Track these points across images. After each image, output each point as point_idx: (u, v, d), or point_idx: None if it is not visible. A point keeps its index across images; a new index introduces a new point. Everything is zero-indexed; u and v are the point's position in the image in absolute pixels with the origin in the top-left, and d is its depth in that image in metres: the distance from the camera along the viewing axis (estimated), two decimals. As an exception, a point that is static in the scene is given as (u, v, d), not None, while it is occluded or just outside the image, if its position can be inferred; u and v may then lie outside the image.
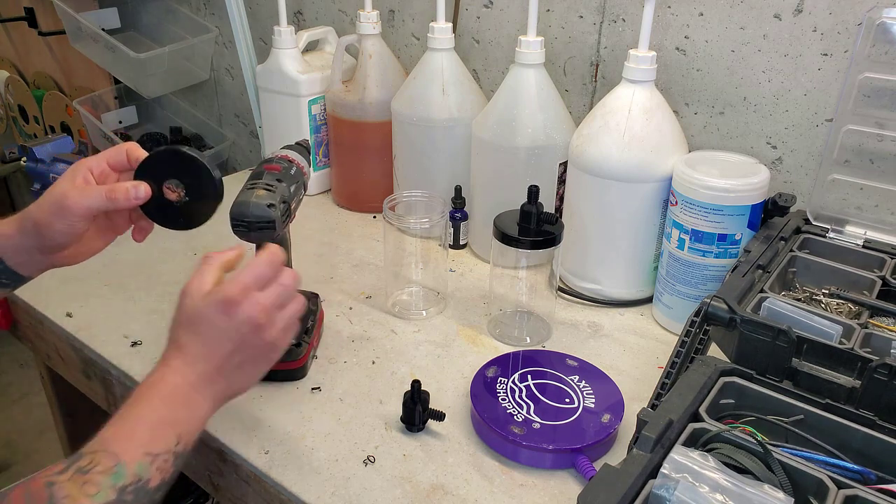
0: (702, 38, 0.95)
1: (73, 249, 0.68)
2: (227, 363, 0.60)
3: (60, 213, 0.64)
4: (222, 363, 0.60)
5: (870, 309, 0.70)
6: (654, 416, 0.55)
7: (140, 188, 0.66)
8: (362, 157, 1.20)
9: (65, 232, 0.64)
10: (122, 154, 0.68)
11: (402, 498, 0.65)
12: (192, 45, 1.56)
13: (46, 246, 0.66)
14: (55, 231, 0.64)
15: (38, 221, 0.64)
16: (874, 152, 0.86)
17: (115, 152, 0.68)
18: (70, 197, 0.64)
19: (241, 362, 0.61)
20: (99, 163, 0.68)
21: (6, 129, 2.27)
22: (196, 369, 0.59)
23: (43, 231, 0.64)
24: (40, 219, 0.64)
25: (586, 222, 0.93)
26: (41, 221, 0.64)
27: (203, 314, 0.60)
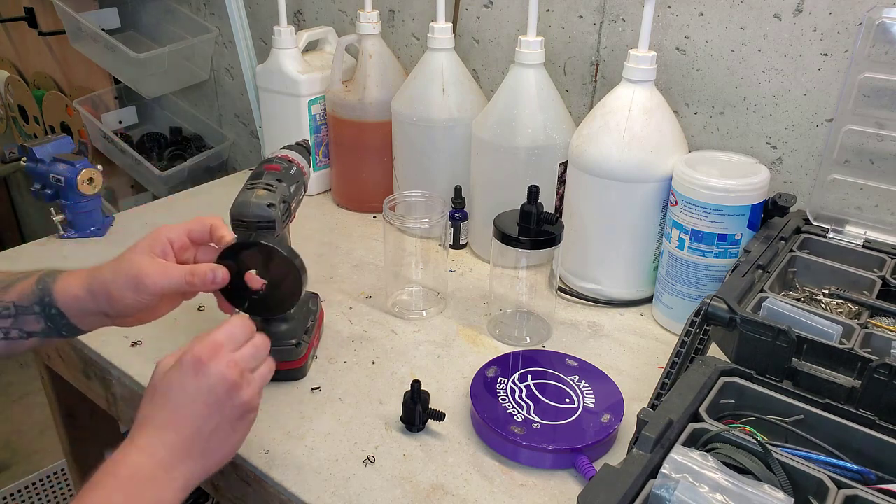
0: (702, 38, 0.95)
1: (139, 317, 0.67)
2: (201, 430, 0.55)
3: (136, 288, 0.62)
4: (195, 431, 0.55)
5: (870, 309, 0.70)
6: (654, 416, 0.55)
7: (219, 273, 0.63)
8: (362, 157, 1.20)
9: (136, 306, 0.63)
10: (205, 229, 0.67)
11: (402, 498, 0.65)
12: (192, 45, 1.57)
13: (112, 312, 0.64)
14: (127, 304, 0.63)
15: (111, 292, 0.62)
16: (874, 152, 0.86)
17: (199, 226, 0.67)
18: (149, 275, 0.62)
19: (216, 428, 0.56)
20: (180, 235, 0.66)
21: (6, 129, 2.27)
22: (165, 441, 0.54)
23: (115, 302, 0.63)
24: (114, 291, 0.62)
25: (586, 222, 0.93)
26: (114, 294, 0.62)
27: (170, 378, 0.56)
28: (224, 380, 0.56)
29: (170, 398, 0.55)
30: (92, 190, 1.09)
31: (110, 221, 1.17)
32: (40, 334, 0.64)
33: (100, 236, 1.13)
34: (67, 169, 1.07)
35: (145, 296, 0.62)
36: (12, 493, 1.67)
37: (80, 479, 1.30)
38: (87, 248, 1.10)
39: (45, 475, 1.71)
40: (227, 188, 1.30)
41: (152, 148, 1.73)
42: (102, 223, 1.14)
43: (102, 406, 0.95)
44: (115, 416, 0.93)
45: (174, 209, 1.25)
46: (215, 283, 0.63)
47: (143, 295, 0.62)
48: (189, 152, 1.70)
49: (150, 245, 0.64)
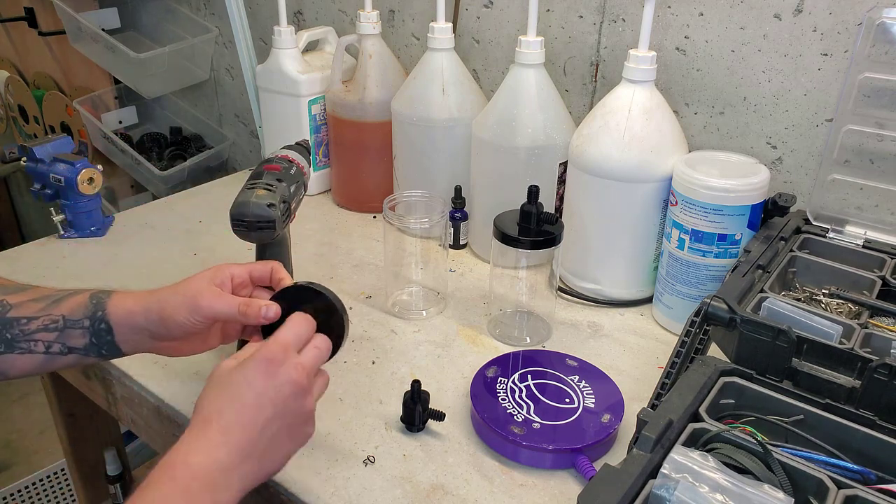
0: (702, 38, 0.95)
1: (179, 343, 0.66)
2: (263, 433, 0.54)
3: (190, 308, 0.62)
4: (258, 432, 0.54)
5: (870, 309, 0.70)
6: (654, 416, 0.55)
7: (271, 309, 0.63)
8: (362, 157, 1.20)
9: (184, 326, 0.63)
10: (266, 270, 0.67)
11: (402, 498, 0.65)
12: (192, 45, 1.57)
13: (160, 333, 0.64)
14: (178, 322, 0.62)
15: (165, 309, 0.63)
16: (874, 152, 0.86)
17: (261, 267, 0.67)
18: (205, 297, 0.62)
19: (278, 432, 0.56)
20: (241, 272, 0.66)
21: (6, 129, 2.27)
22: (229, 441, 0.53)
23: (167, 320, 0.63)
24: (169, 308, 0.62)
25: (586, 222, 0.93)
26: (168, 310, 0.62)
27: (238, 376, 0.55)
28: (292, 382, 0.56)
29: (237, 396, 0.54)
30: (92, 190, 1.09)
31: (110, 221, 1.17)
32: (81, 351, 0.64)
33: (100, 236, 1.13)
34: (67, 169, 1.07)
35: (198, 317, 0.62)
36: (12, 493, 1.67)
37: (80, 479, 1.30)
38: (87, 248, 1.10)
39: (45, 475, 1.71)
40: (227, 188, 1.30)
41: (152, 148, 1.73)
42: (102, 223, 1.14)
43: (102, 406, 0.95)
44: (115, 416, 0.93)
45: (174, 209, 1.25)
46: (266, 318, 0.63)
47: (196, 316, 0.62)
48: (189, 152, 1.70)
49: (211, 275, 0.65)
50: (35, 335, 0.63)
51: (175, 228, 1.17)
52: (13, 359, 0.63)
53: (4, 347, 0.62)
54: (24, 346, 0.63)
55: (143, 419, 0.85)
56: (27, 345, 0.63)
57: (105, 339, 0.64)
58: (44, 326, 0.63)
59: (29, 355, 0.63)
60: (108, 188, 1.85)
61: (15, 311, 0.63)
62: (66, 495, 1.73)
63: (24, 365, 0.63)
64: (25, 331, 0.63)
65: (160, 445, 0.86)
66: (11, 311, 0.63)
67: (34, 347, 0.63)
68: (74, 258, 1.07)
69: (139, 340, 0.65)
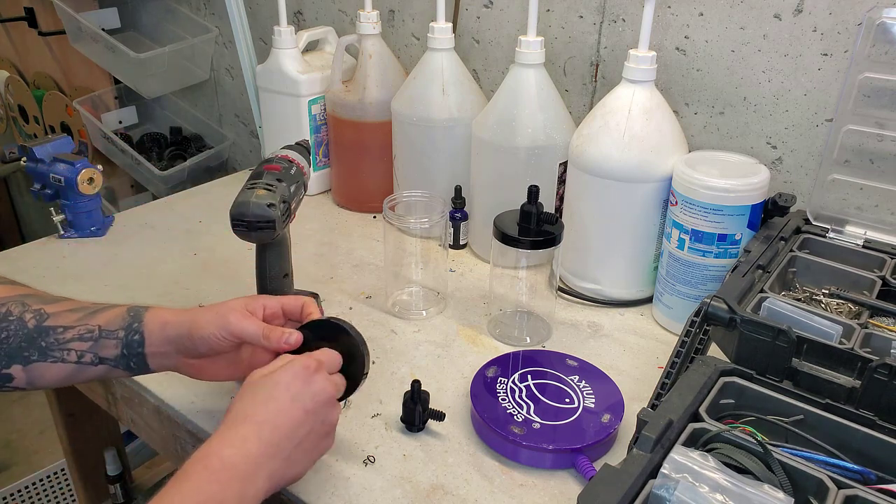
0: (702, 38, 0.95)
1: (203, 363, 0.67)
2: (294, 433, 0.57)
3: (218, 324, 0.64)
4: (289, 432, 0.57)
5: (870, 309, 0.70)
6: (654, 416, 0.55)
7: (293, 336, 0.65)
8: (362, 157, 1.20)
9: (210, 341, 0.64)
10: (298, 305, 0.69)
11: (402, 498, 0.65)
12: (192, 45, 1.57)
13: (187, 347, 0.65)
14: (202, 336, 0.64)
15: (195, 322, 0.64)
16: (874, 152, 0.86)
17: (293, 301, 0.69)
18: (234, 316, 0.65)
19: (306, 436, 0.58)
20: (274, 305, 0.68)
21: (6, 129, 2.27)
22: (261, 437, 0.55)
23: (194, 334, 0.64)
24: (198, 321, 0.64)
25: (586, 222, 0.93)
26: (198, 324, 0.64)
27: (276, 378, 0.58)
28: (325, 391, 0.60)
29: (274, 396, 0.57)
30: (92, 190, 1.09)
31: (110, 221, 1.17)
32: (111, 362, 0.65)
33: (100, 236, 1.13)
34: (67, 169, 1.07)
35: (224, 333, 0.64)
36: (12, 493, 1.67)
37: (80, 479, 1.30)
38: (87, 248, 1.10)
39: (45, 475, 1.71)
40: (227, 188, 1.30)
41: (152, 148, 1.73)
42: (102, 223, 1.14)
43: (102, 406, 0.95)
44: (115, 416, 0.93)
45: (174, 209, 1.25)
46: (287, 344, 0.65)
47: (223, 332, 0.64)
48: (189, 152, 1.70)
49: (245, 301, 0.67)
50: (69, 344, 0.63)
51: (175, 228, 1.17)
52: (44, 368, 0.63)
53: (38, 356, 0.63)
54: (57, 355, 0.63)
55: (143, 419, 0.85)
56: (60, 353, 0.63)
57: (136, 350, 0.65)
58: (79, 336, 0.64)
59: (61, 364, 0.63)
60: (108, 188, 1.85)
61: (52, 321, 0.64)
62: (66, 495, 1.73)
63: (55, 374, 0.64)
64: (60, 339, 0.63)
65: (160, 445, 0.86)
66: (48, 321, 0.63)
67: (66, 357, 0.63)
68: (74, 258, 1.07)
69: (167, 354, 0.66)
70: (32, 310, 0.64)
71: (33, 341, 0.62)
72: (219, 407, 0.76)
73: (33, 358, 0.62)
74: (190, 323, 0.65)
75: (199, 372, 0.68)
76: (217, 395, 0.78)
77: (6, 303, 0.63)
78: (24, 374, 0.63)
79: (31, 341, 0.62)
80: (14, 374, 0.62)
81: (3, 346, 0.62)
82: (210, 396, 0.78)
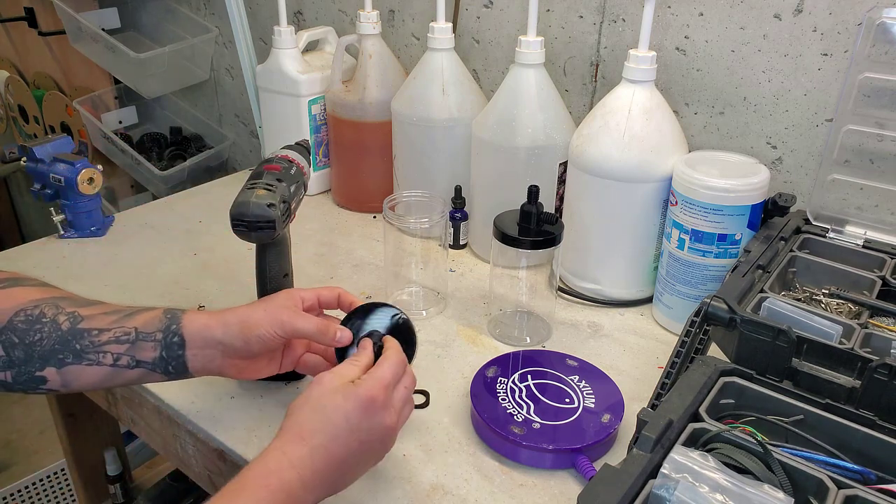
0: (702, 38, 0.95)
1: (247, 363, 0.67)
2: (345, 463, 0.57)
3: (272, 321, 0.65)
4: (342, 462, 0.56)
5: (870, 309, 0.70)
6: (654, 416, 0.55)
7: (345, 335, 0.66)
8: (362, 157, 1.20)
9: (264, 339, 0.64)
10: (334, 296, 0.70)
11: (402, 498, 0.65)
12: (192, 45, 1.56)
13: (236, 347, 0.65)
14: (257, 335, 0.64)
15: (247, 321, 0.65)
16: (874, 152, 0.86)
17: (328, 292, 0.70)
18: (287, 312, 0.65)
19: (356, 464, 0.58)
20: (310, 296, 0.69)
21: (6, 129, 2.27)
22: (315, 463, 0.55)
23: (247, 333, 0.64)
24: (250, 320, 0.65)
25: (586, 222, 0.93)
26: (250, 322, 0.64)
27: (337, 404, 0.57)
28: (383, 427, 0.58)
29: (333, 423, 0.56)
30: (92, 190, 1.09)
31: (110, 221, 1.17)
32: (148, 365, 0.64)
33: (100, 236, 1.13)
34: (67, 169, 1.07)
35: (280, 331, 0.65)
36: (12, 493, 1.67)
37: (80, 479, 1.30)
38: (87, 248, 1.10)
39: (45, 475, 1.71)
40: (227, 188, 1.30)
41: (152, 148, 1.73)
42: (102, 223, 1.14)
43: (102, 406, 0.95)
44: (115, 416, 0.93)
45: (174, 209, 1.25)
46: (339, 342, 0.66)
47: (278, 330, 0.65)
48: (189, 152, 1.70)
49: (286, 296, 0.68)
50: (105, 346, 0.62)
51: (175, 228, 1.17)
52: (79, 370, 0.62)
53: (73, 358, 0.62)
54: (93, 358, 0.62)
55: (143, 419, 0.85)
56: (95, 356, 0.62)
57: (176, 353, 0.64)
58: (115, 338, 0.63)
59: (96, 367, 0.62)
60: (108, 188, 1.85)
61: (86, 323, 0.63)
62: (66, 495, 1.73)
63: (90, 377, 0.63)
64: (96, 342, 0.62)
65: (160, 445, 0.86)
66: (83, 323, 0.62)
67: (102, 359, 0.62)
68: (74, 258, 1.07)
69: (209, 356, 0.65)
70: (66, 312, 0.62)
71: (67, 343, 0.61)
72: (219, 407, 0.76)
73: (68, 360, 0.61)
74: (239, 323, 0.65)
75: (240, 372, 0.68)
76: (217, 395, 0.78)
77: (39, 305, 0.62)
78: (58, 376, 0.61)
79: (65, 343, 0.61)
80: (48, 377, 0.61)
81: (37, 347, 0.61)
82: (210, 397, 0.78)
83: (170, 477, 1.39)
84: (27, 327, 0.61)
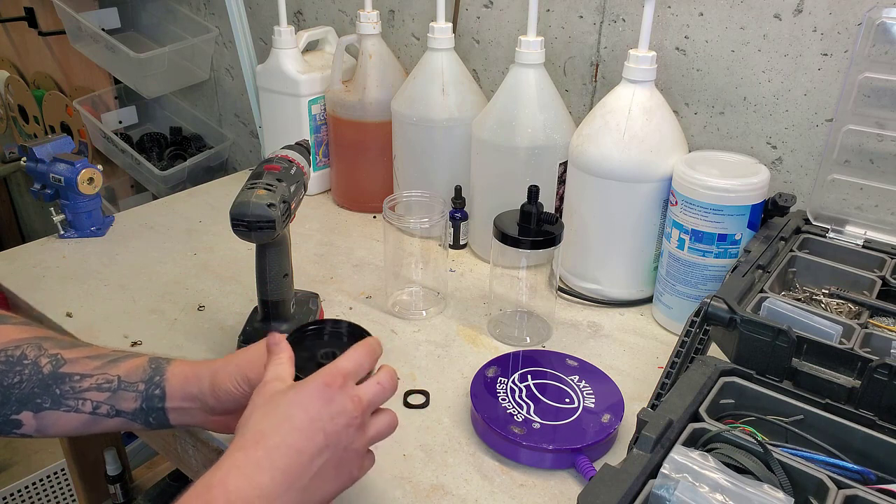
0: (702, 38, 0.95)
1: (228, 417, 0.63)
2: (313, 462, 0.50)
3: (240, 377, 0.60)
4: (308, 461, 0.50)
5: (870, 309, 0.70)
6: (654, 416, 0.55)
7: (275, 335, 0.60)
8: (362, 157, 1.20)
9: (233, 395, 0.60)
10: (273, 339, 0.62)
11: (402, 498, 0.65)
12: (192, 45, 1.57)
13: (210, 404, 0.62)
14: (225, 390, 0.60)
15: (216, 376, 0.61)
16: (874, 152, 0.86)
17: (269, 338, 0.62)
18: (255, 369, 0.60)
19: (326, 465, 0.51)
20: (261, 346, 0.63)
21: (6, 129, 2.27)
22: (274, 465, 0.49)
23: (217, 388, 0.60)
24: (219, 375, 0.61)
25: (586, 222, 0.93)
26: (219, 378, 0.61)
27: (292, 398, 0.52)
28: (345, 412, 0.52)
29: (288, 417, 0.51)
30: (92, 190, 1.09)
31: (110, 221, 1.17)
32: (128, 415, 0.61)
33: (100, 236, 1.13)
34: (67, 169, 1.07)
35: (247, 387, 0.60)
36: (12, 494, 1.67)
37: (80, 479, 1.30)
38: (87, 248, 1.10)
39: (45, 475, 1.71)
40: (227, 188, 1.30)
41: (152, 148, 1.73)
42: (102, 223, 1.14)
43: (102, 406, 0.94)
44: (115, 416, 0.93)
45: (174, 209, 1.25)
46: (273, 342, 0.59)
47: (245, 386, 0.60)
48: (189, 152, 1.70)
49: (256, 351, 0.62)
50: (85, 394, 0.60)
51: (175, 228, 1.17)
52: (57, 416, 0.60)
53: (51, 403, 0.59)
54: (72, 405, 0.60)
55: (143, 419, 0.84)
56: (75, 403, 0.60)
57: (156, 405, 0.62)
58: (97, 385, 0.61)
59: (74, 414, 0.60)
60: (108, 188, 1.85)
61: (69, 367, 0.61)
62: (66, 495, 1.73)
63: (67, 424, 0.60)
64: (76, 388, 0.60)
65: (160, 445, 0.86)
66: (65, 367, 0.61)
67: (81, 406, 0.60)
68: (74, 258, 1.07)
69: (189, 411, 0.63)
70: (49, 354, 0.60)
71: (48, 388, 0.59)
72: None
73: (45, 405, 0.59)
74: (210, 377, 0.61)
75: (225, 426, 0.64)
76: (217, 395, 0.78)
77: (21, 345, 0.60)
78: (34, 420, 0.59)
79: (45, 388, 0.59)
80: (24, 421, 0.59)
81: (15, 390, 0.58)
82: (210, 396, 0.78)
83: (170, 477, 1.39)
84: (7, 368, 0.59)
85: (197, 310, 0.93)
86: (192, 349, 0.85)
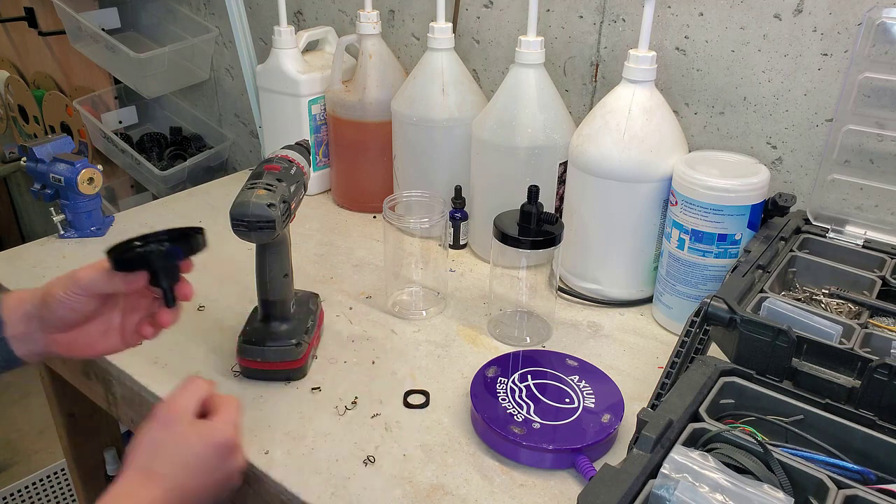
0: (702, 38, 0.95)
1: (72, 335, 0.65)
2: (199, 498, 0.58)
3: (67, 282, 0.62)
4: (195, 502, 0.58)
5: (870, 309, 0.70)
6: (654, 416, 0.55)
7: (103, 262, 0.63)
8: (362, 157, 1.20)
9: (65, 302, 0.62)
10: None
11: (402, 498, 0.65)
12: (192, 45, 1.57)
13: (46, 318, 0.63)
14: (56, 299, 0.62)
15: (48, 288, 0.63)
16: (874, 152, 0.86)
17: None
18: (84, 270, 0.62)
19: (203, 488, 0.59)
20: None
21: (6, 129, 2.27)
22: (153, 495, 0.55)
23: (48, 299, 0.62)
24: (50, 287, 0.62)
25: (586, 222, 0.93)
26: (50, 289, 0.62)
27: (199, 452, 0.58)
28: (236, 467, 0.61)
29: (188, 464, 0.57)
30: (92, 190, 1.09)
31: (110, 221, 1.17)
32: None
33: (100, 236, 1.13)
34: (67, 169, 1.07)
35: (76, 289, 0.61)
36: (12, 493, 1.67)
37: (80, 479, 1.30)
38: (87, 248, 1.10)
39: (45, 475, 1.71)
40: (227, 188, 1.30)
41: (152, 148, 1.73)
42: (102, 223, 1.14)
43: (102, 406, 0.95)
44: (115, 416, 0.93)
45: (174, 209, 1.25)
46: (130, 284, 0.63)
47: (74, 288, 0.61)
48: (189, 152, 1.70)
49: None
50: None
51: (175, 228, 1.17)
52: None
53: None
54: None
55: (143, 419, 0.84)
56: None
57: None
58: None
59: None
60: (108, 188, 1.85)
61: None
62: (66, 495, 1.73)
63: None
64: None
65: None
66: None
67: None
68: (74, 258, 1.07)
69: (32, 337, 0.64)
70: None
71: None
72: (219, 407, 0.76)
73: None
74: (43, 292, 0.63)
75: (71, 348, 0.65)
76: (217, 395, 0.78)
77: None
78: None
79: None
80: None
81: None
82: (210, 396, 0.78)
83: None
84: None
85: (197, 310, 0.93)
86: (192, 349, 0.85)
